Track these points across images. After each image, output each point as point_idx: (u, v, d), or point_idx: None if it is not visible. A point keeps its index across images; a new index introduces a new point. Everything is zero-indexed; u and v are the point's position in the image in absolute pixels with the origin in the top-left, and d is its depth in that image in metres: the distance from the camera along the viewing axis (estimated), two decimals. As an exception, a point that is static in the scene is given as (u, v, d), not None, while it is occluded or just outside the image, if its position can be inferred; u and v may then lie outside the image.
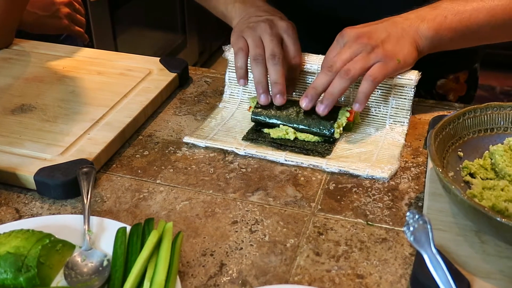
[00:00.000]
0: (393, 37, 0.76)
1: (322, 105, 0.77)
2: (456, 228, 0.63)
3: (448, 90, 1.03)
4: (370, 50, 0.75)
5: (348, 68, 0.74)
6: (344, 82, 0.74)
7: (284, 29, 0.82)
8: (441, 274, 0.51)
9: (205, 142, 0.80)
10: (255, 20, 0.84)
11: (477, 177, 0.69)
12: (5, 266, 0.56)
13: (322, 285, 0.59)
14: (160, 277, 0.56)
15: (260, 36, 0.81)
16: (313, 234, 0.65)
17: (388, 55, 0.75)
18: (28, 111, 0.85)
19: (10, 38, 1.06)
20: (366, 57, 0.75)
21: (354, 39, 0.76)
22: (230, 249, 0.63)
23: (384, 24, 0.78)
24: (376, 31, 0.76)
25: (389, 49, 0.75)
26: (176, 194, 0.72)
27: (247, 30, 0.82)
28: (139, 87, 0.91)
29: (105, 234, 0.63)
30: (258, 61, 0.80)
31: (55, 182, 0.70)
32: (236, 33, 0.84)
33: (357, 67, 0.74)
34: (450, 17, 0.77)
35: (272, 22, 0.82)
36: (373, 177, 0.73)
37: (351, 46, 0.76)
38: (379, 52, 0.75)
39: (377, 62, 0.75)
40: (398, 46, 0.76)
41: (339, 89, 0.75)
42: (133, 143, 0.82)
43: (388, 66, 0.75)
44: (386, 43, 0.76)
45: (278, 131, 0.80)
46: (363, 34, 0.76)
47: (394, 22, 0.78)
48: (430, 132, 0.67)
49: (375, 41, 0.75)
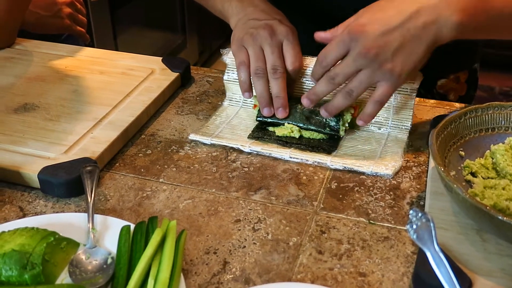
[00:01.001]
0: (407, 44, 0.68)
1: (325, 112, 0.77)
2: (458, 226, 0.63)
3: (449, 90, 1.04)
4: (377, 67, 0.70)
5: (351, 89, 0.72)
6: (347, 101, 0.74)
7: (284, 34, 0.80)
8: (444, 272, 0.51)
9: (211, 139, 0.81)
10: (255, 26, 0.82)
11: (478, 176, 0.70)
12: (10, 263, 0.56)
13: (324, 283, 0.59)
14: (164, 275, 0.56)
15: (261, 45, 0.80)
16: (316, 232, 0.66)
17: (396, 72, 0.70)
18: (31, 110, 0.85)
19: (12, 37, 1.07)
20: (371, 75, 0.71)
21: (361, 51, 0.69)
22: (233, 247, 0.63)
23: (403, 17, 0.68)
24: (388, 39, 0.68)
25: (398, 62, 0.69)
26: (179, 192, 0.72)
27: (248, 39, 0.81)
28: (142, 86, 0.92)
29: (109, 232, 0.63)
30: (259, 76, 0.80)
31: (58, 180, 0.70)
32: (237, 42, 0.83)
33: (361, 87, 0.72)
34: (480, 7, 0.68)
35: (271, 29, 0.80)
36: (377, 173, 0.74)
37: (356, 59, 0.70)
38: (386, 69, 0.70)
39: (383, 80, 0.71)
40: (411, 55, 0.69)
41: (341, 106, 0.75)
42: (136, 142, 0.82)
43: (394, 84, 0.72)
44: (397, 55, 0.69)
45: (283, 129, 0.81)
46: (372, 46, 0.68)
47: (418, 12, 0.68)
48: (432, 132, 0.67)
49: (384, 55, 0.69)
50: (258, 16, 0.84)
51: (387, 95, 0.73)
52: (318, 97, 0.77)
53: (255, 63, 0.80)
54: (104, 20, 2.11)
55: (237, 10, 0.87)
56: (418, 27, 0.68)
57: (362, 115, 0.76)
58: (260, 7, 0.86)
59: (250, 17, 0.84)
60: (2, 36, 1.04)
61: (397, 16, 0.68)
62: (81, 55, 1.03)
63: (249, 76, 0.81)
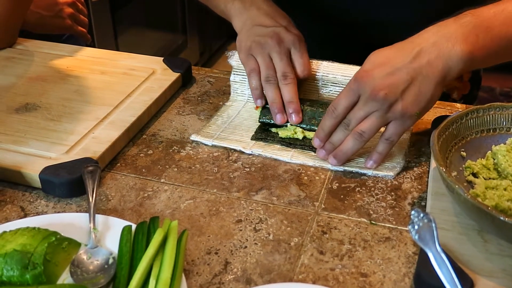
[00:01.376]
0: (415, 83, 0.68)
1: (334, 160, 0.75)
2: (459, 227, 0.63)
3: (452, 89, 1.04)
4: (387, 109, 0.69)
5: (363, 131, 0.71)
6: (358, 144, 0.73)
7: (292, 42, 0.82)
8: (446, 272, 0.51)
9: (212, 141, 0.81)
10: (261, 34, 0.82)
11: (480, 177, 0.69)
12: (12, 263, 0.56)
13: (326, 283, 0.59)
14: (165, 275, 0.56)
15: (269, 53, 0.82)
16: (317, 233, 0.66)
17: (407, 112, 0.69)
18: (33, 110, 0.85)
19: (13, 37, 1.07)
20: (382, 117, 0.70)
21: (370, 94, 0.69)
22: (235, 247, 0.63)
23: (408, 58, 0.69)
24: (394, 80, 0.68)
25: (408, 102, 0.69)
26: (180, 193, 0.72)
27: (256, 48, 0.82)
28: (143, 86, 0.92)
29: (110, 232, 0.63)
30: (270, 82, 0.81)
31: (60, 180, 0.70)
32: (245, 51, 0.84)
33: (372, 128, 0.71)
34: (481, 35, 0.69)
35: (279, 37, 0.81)
36: (378, 175, 0.74)
37: (367, 103, 0.70)
38: (397, 110, 0.69)
39: (394, 120, 0.71)
40: (420, 95, 0.69)
41: (353, 150, 0.74)
42: (137, 142, 0.82)
43: (405, 124, 0.71)
44: (406, 94, 0.68)
45: (286, 131, 0.81)
46: (381, 88, 0.68)
47: (420, 52, 0.69)
48: (433, 132, 0.67)
49: (394, 95, 0.68)
50: (263, 21, 0.84)
51: (398, 135, 0.72)
52: (334, 146, 0.75)
53: (266, 70, 0.81)
54: (105, 20, 2.11)
55: (240, 11, 0.87)
56: (424, 66, 0.68)
57: (373, 155, 0.74)
58: (263, 10, 0.86)
59: (255, 22, 0.84)
60: (4, 36, 1.04)
61: (401, 58, 0.69)
62: (83, 55, 1.03)
63: (260, 83, 0.83)
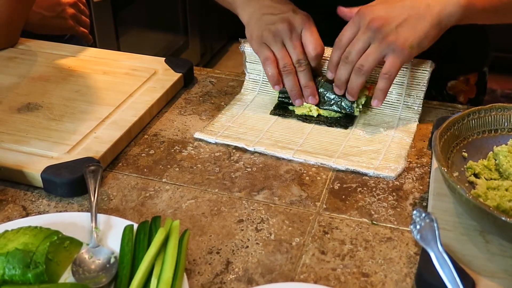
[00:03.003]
0: (411, 19, 0.74)
1: (350, 96, 0.82)
2: (461, 227, 0.63)
3: (459, 92, 1.04)
4: (382, 38, 0.75)
5: (362, 64, 0.77)
6: (360, 78, 0.79)
7: (301, 24, 0.83)
8: (448, 272, 0.51)
9: (215, 138, 0.81)
10: (271, 21, 0.84)
11: (481, 177, 0.69)
12: (14, 262, 0.56)
13: (327, 283, 0.59)
14: (167, 274, 0.56)
15: (282, 41, 0.84)
16: (319, 233, 0.66)
17: (401, 43, 0.74)
18: (35, 109, 0.86)
19: (16, 37, 1.07)
20: (378, 47, 0.75)
21: (367, 24, 0.75)
22: (236, 247, 0.63)
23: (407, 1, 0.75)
24: (392, 14, 0.74)
25: (403, 35, 0.74)
26: (182, 192, 0.72)
27: (268, 36, 0.84)
28: (145, 86, 0.92)
29: (112, 231, 0.64)
30: (287, 71, 0.84)
31: (62, 180, 0.70)
32: (257, 39, 0.85)
33: (370, 60, 0.76)
34: None
35: (289, 22, 0.83)
36: (380, 175, 0.74)
37: (365, 32, 0.76)
38: (391, 40, 0.74)
39: (390, 53, 0.75)
40: (414, 30, 0.74)
41: (358, 84, 0.80)
42: (139, 142, 0.82)
43: (401, 56, 0.75)
44: (401, 28, 0.74)
45: (302, 108, 0.87)
46: (378, 18, 0.75)
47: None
48: (435, 133, 0.67)
49: (389, 26, 0.74)
50: (271, 10, 0.86)
51: (395, 67, 0.76)
52: (342, 82, 0.81)
53: (282, 60, 0.84)
54: (106, 21, 2.11)
55: (244, 3, 0.88)
56: (422, 6, 0.74)
57: (376, 93, 0.80)
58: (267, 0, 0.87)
59: (263, 11, 0.86)
60: (6, 36, 1.04)
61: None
62: (85, 55, 1.03)
63: (277, 70, 0.85)
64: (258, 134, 0.83)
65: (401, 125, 0.84)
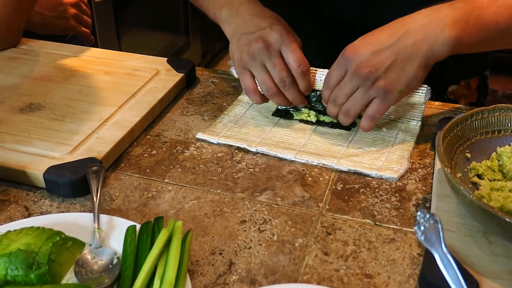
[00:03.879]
0: (399, 62, 0.72)
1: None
2: (464, 228, 0.63)
3: (460, 96, 1.03)
4: (370, 85, 0.73)
5: (348, 109, 0.77)
6: (348, 119, 0.79)
7: (279, 41, 0.79)
8: (452, 273, 0.51)
9: (217, 139, 0.81)
10: (248, 42, 0.80)
11: (484, 178, 0.69)
12: (16, 262, 0.56)
13: (330, 284, 0.59)
14: (170, 275, 0.56)
15: (261, 62, 0.80)
16: (321, 234, 0.65)
17: (389, 89, 0.73)
18: (37, 110, 0.86)
19: (17, 37, 1.07)
20: (365, 93, 0.74)
21: (355, 70, 0.73)
22: (239, 248, 0.63)
23: (393, 39, 0.72)
24: (380, 58, 0.72)
25: (391, 79, 0.72)
26: (184, 193, 0.72)
27: (247, 59, 0.80)
28: (147, 87, 0.92)
29: (115, 232, 0.63)
30: (272, 93, 0.82)
31: (64, 180, 0.70)
32: (237, 64, 0.82)
33: (357, 105, 0.76)
34: (472, 22, 0.71)
35: (265, 40, 0.78)
36: (382, 177, 0.74)
37: (352, 79, 0.74)
38: (379, 86, 0.73)
39: (377, 97, 0.74)
40: (403, 72, 0.72)
41: (346, 123, 0.80)
42: (141, 142, 0.82)
43: (388, 101, 0.75)
44: (389, 72, 0.72)
45: (301, 114, 0.87)
46: (365, 65, 0.72)
47: (406, 33, 0.72)
48: (438, 133, 0.67)
49: (377, 72, 0.72)
50: (248, 28, 0.81)
51: (380, 112, 0.77)
52: (334, 116, 0.81)
53: (263, 85, 0.81)
54: (108, 21, 2.11)
55: (227, 19, 0.85)
56: (409, 46, 0.72)
57: (360, 125, 0.80)
58: (249, 15, 0.83)
59: (243, 29, 0.82)
60: (8, 36, 1.04)
61: (388, 37, 0.73)
62: (87, 55, 1.03)
63: (260, 97, 0.83)
64: (260, 135, 0.83)
65: (403, 126, 0.84)
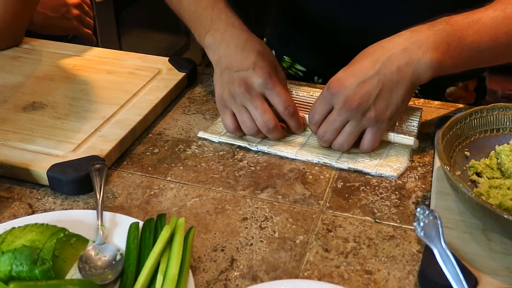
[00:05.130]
0: (386, 90, 0.71)
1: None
2: (463, 226, 0.64)
3: (458, 98, 1.04)
4: (361, 118, 0.73)
5: (341, 144, 0.76)
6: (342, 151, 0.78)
7: (261, 86, 0.77)
8: (451, 269, 0.52)
9: (219, 137, 0.82)
10: (230, 80, 0.79)
11: (483, 176, 0.70)
12: (21, 258, 0.56)
13: (331, 280, 0.60)
14: (173, 271, 0.57)
15: (242, 104, 0.78)
16: (322, 231, 0.66)
17: (380, 118, 0.73)
18: (40, 108, 0.86)
19: (19, 37, 1.08)
20: (357, 126, 0.74)
21: (343, 104, 0.72)
22: (241, 245, 0.64)
23: (377, 67, 0.71)
24: (366, 88, 0.71)
25: (381, 108, 0.72)
26: (186, 191, 0.73)
27: (228, 99, 0.79)
28: (149, 86, 0.92)
29: (118, 229, 0.64)
30: (254, 134, 0.80)
31: (67, 178, 0.71)
32: (219, 100, 0.81)
33: (350, 140, 0.75)
34: (453, 44, 0.71)
35: (246, 84, 0.77)
36: (382, 175, 0.74)
37: (341, 113, 0.73)
38: (370, 117, 0.72)
39: (369, 128, 0.75)
40: (391, 100, 0.72)
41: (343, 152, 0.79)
42: (143, 141, 0.83)
43: (379, 130, 0.75)
44: (377, 101, 0.72)
45: None
46: (352, 98, 0.71)
47: (389, 59, 0.71)
48: (438, 132, 0.68)
49: (367, 104, 0.71)
50: (231, 63, 0.79)
51: (376, 141, 0.76)
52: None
53: (244, 124, 0.79)
54: (108, 21, 2.12)
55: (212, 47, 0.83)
56: (394, 72, 0.71)
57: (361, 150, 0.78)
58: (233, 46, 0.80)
59: (226, 64, 0.80)
60: (11, 35, 1.05)
61: (371, 65, 0.71)
62: (89, 54, 1.04)
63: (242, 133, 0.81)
64: None
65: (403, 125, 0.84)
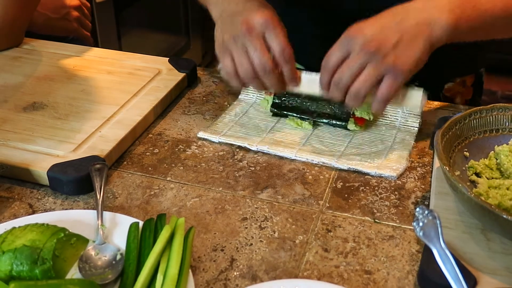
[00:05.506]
0: (405, 39, 0.70)
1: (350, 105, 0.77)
2: (463, 226, 0.64)
3: (455, 94, 1.04)
4: (380, 61, 0.70)
5: (358, 90, 0.72)
6: (357, 102, 0.74)
7: (263, 25, 0.75)
8: (450, 269, 0.52)
9: (219, 138, 0.82)
10: (232, 24, 0.77)
11: (482, 176, 0.70)
12: (21, 258, 0.57)
13: (331, 280, 0.60)
14: (173, 271, 0.57)
15: (243, 45, 0.76)
16: (322, 231, 0.66)
17: (399, 65, 0.70)
18: (40, 108, 0.86)
19: (20, 37, 1.08)
20: (375, 70, 0.70)
21: (362, 47, 0.70)
22: (240, 244, 0.64)
23: (397, 19, 0.71)
24: (386, 35, 0.70)
25: (400, 56, 0.70)
26: (186, 191, 0.73)
27: (229, 42, 0.78)
28: (149, 86, 0.93)
29: (118, 229, 0.64)
30: (249, 78, 0.77)
31: (68, 178, 0.71)
32: (219, 45, 0.80)
33: (367, 86, 0.72)
34: (468, 10, 0.71)
35: (248, 23, 0.75)
36: (381, 175, 0.75)
37: (359, 56, 0.70)
38: (389, 62, 0.70)
39: (387, 76, 0.71)
40: (410, 50, 0.70)
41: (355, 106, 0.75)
42: (143, 141, 0.83)
43: (397, 80, 0.71)
44: (397, 49, 0.70)
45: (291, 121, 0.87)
46: (372, 41, 0.70)
47: (408, 14, 0.71)
48: (437, 132, 0.68)
49: (386, 48, 0.70)
50: (234, 10, 0.79)
51: (393, 91, 0.72)
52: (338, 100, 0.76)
53: (240, 67, 0.77)
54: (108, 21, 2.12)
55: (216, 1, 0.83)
56: (413, 25, 0.71)
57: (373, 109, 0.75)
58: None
59: (227, 12, 0.80)
60: (11, 35, 1.05)
61: (392, 17, 0.72)
62: (89, 55, 1.04)
63: (239, 81, 0.79)
64: (261, 134, 0.83)
65: (402, 125, 0.85)
